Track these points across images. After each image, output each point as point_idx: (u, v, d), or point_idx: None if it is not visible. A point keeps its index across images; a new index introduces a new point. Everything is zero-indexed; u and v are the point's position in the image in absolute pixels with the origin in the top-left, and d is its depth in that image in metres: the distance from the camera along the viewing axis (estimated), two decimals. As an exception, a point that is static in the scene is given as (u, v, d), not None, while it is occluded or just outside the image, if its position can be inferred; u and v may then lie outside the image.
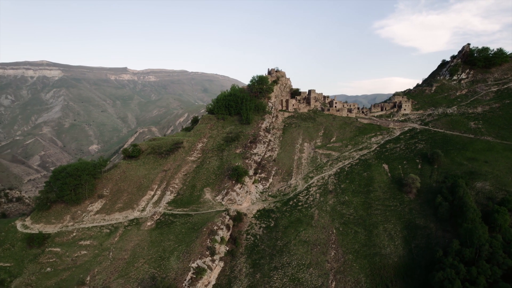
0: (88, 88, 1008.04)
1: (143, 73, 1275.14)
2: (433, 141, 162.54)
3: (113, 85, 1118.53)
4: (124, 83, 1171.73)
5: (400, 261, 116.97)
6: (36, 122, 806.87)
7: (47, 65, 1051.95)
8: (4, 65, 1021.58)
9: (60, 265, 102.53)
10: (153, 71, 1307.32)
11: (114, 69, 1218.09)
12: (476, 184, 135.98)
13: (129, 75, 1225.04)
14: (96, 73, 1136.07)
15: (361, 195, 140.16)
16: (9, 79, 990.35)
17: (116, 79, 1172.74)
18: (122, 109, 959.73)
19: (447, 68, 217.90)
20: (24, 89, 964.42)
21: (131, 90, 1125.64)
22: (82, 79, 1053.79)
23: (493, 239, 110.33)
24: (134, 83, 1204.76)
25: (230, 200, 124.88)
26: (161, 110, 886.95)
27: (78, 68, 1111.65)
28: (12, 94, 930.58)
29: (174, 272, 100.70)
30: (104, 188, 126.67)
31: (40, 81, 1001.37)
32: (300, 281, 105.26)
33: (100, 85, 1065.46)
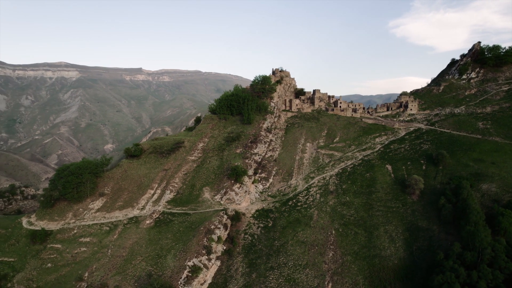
0: (104, 89, 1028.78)
1: (157, 74, 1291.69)
2: (439, 141, 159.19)
3: (128, 85, 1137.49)
4: (139, 84, 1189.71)
5: (401, 263, 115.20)
6: (54, 122, 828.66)
7: (65, 66, 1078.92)
8: (25, 66, 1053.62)
9: (60, 261, 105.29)
10: (167, 71, 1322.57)
11: (129, 70, 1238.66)
12: (481, 186, 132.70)
13: (144, 75, 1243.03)
14: (112, 74, 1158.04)
15: (363, 196, 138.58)
16: (29, 80, 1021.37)
17: (131, 80, 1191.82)
18: (137, 109, 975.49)
19: (456, 67, 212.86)
20: (43, 89, 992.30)
21: (146, 91, 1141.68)
22: (98, 79, 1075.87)
23: (496, 243, 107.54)
24: (148, 84, 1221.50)
25: (228, 199, 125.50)
26: (174, 110, 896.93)
27: (95, 69, 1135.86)
28: (32, 95, 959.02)
29: (170, 270, 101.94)
30: (105, 187, 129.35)
31: (59, 82, 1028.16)
32: (296, 281, 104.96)
33: (115, 86, 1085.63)
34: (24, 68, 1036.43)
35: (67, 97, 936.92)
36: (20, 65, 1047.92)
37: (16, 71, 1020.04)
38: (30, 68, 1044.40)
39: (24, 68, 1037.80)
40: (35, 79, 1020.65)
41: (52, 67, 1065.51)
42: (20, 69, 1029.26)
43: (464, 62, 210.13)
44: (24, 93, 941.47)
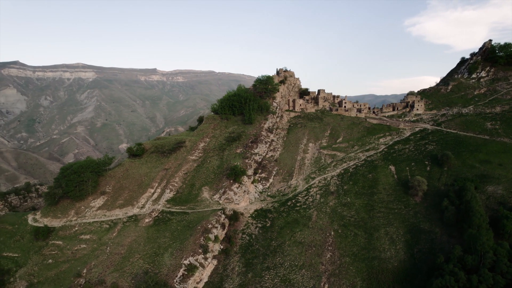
0: (119, 89, 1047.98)
1: (171, 74, 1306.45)
2: (445, 142, 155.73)
3: (143, 85, 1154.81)
4: (153, 84, 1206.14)
5: (401, 266, 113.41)
6: (71, 122, 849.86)
7: (82, 67, 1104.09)
8: (45, 68, 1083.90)
9: (61, 258, 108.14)
10: (181, 71, 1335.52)
11: (144, 70, 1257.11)
12: (487, 188, 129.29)
13: (158, 76, 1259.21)
14: (127, 74, 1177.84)
15: (364, 197, 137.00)
16: (48, 81, 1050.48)
17: (146, 80, 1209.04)
18: (151, 109, 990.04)
19: (466, 66, 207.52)
20: (61, 90, 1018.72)
21: (160, 91, 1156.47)
22: (114, 80, 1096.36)
23: (498, 247, 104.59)
24: (163, 84, 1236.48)
25: (227, 199, 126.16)
26: (188, 110, 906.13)
27: (110, 70, 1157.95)
28: (51, 95, 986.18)
29: (167, 268, 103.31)
30: (107, 185, 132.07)
31: (76, 83, 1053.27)
32: (291, 282, 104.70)
33: (130, 86, 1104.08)
34: (44, 70, 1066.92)
35: (83, 97, 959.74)
36: (40, 66, 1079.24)
37: (36, 73, 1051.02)
38: (49, 69, 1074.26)
39: (43, 69, 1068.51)
40: (54, 80, 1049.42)
41: (70, 68, 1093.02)
42: (40, 71, 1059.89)
43: (474, 61, 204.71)
44: (44, 94, 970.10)
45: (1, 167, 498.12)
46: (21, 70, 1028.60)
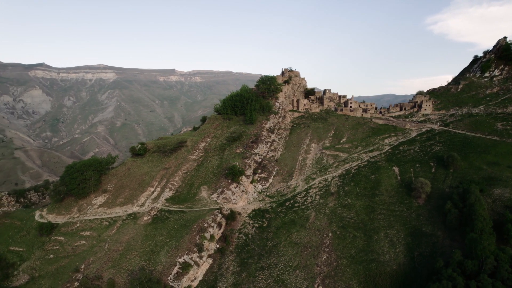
0: (139, 89, 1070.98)
1: (189, 74, 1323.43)
2: (452, 143, 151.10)
3: (162, 86, 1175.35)
4: (172, 84, 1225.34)
5: (400, 269, 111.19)
6: (92, 122, 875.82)
7: (104, 68, 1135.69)
8: (68, 69, 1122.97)
9: (61, 253, 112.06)
10: (199, 72, 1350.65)
11: (163, 71, 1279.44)
12: (494, 190, 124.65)
13: (176, 76, 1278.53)
14: (146, 75, 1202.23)
15: (365, 199, 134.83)
16: (71, 82, 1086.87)
17: (165, 80, 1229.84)
18: (169, 109, 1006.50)
19: (478, 65, 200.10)
20: (84, 91, 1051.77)
21: (178, 91, 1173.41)
22: (133, 80, 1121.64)
23: (500, 252, 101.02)
24: (181, 84, 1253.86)
25: (225, 198, 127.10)
26: (205, 110, 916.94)
27: (130, 71, 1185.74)
28: (74, 96, 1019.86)
29: (162, 265, 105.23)
30: (109, 184, 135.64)
31: (97, 83, 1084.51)
32: (285, 283, 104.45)
33: (149, 86, 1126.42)
34: (67, 71, 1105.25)
35: (104, 97, 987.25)
36: (64, 68, 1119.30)
37: (60, 74, 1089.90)
38: (73, 70, 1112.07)
39: (67, 71, 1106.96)
40: (76, 81, 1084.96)
41: (92, 69, 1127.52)
42: (63, 72, 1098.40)
43: (487, 59, 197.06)
44: (67, 94, 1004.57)
45: (26, 165, 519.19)
46: (46, 71, 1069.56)
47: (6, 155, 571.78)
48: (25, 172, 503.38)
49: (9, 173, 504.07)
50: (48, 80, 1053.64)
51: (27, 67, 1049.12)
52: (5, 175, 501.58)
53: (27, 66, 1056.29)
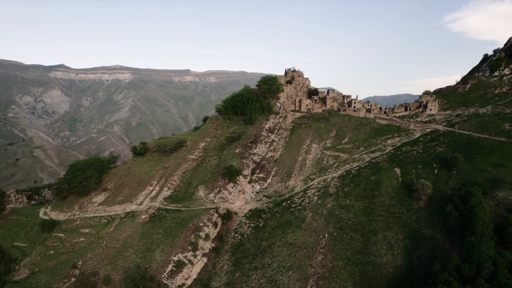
0: (154, 90, 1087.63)
1: (204, 75, 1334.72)
2: (456, 144, 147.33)
3: (177, 86, 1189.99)
4: (186, 84, 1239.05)
5: (397, 272, 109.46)
6: (108, 121, 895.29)
7: (120, 69, 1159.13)
8: (86, 70, 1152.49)
9: (61, 249, 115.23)
10: (214, 72, 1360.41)
11: (177, 71, 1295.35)
12: (498, 193, 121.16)
13: (191, 76, 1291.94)
14: (162, 75, 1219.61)
15: (365, 200, 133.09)
16: (89, 83, 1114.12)
17: (179, 81, 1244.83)
18: (184, 109, 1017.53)
19: (488, 63, 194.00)
20: (101, 91, 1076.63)
21: (193, 91, 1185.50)
22: (149, 81, 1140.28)
23: (498, 256, 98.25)
24: (195, 84, 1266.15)
25: (222, 198, 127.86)
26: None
27: (146, 71, 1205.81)
28: (91, 96, 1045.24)
29: (157, 263, 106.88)
30: (109, 182, 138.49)
31: (114, 84, 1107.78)
32: (277, 283, 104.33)
33: (164, 87, 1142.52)
34: (85, 72, 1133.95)
35: (120, 97, 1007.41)
36: (82, 69, 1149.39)
37: (78, 75, 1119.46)
38: (90, 71, 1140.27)
39: (85, 71, 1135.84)
40: (94, 82, 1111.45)
41: (109, 70, 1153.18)
42: (82, 73, 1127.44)
43: (497, 58, 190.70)
44: (85, 95, 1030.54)
45: (45, 163, 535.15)
46: (65, 72, 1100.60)
47: (26, 153, 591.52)
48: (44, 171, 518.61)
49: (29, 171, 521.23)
50: (67, 81, 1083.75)
51: (47, 68, 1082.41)
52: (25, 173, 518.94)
53: (47, 67, 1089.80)
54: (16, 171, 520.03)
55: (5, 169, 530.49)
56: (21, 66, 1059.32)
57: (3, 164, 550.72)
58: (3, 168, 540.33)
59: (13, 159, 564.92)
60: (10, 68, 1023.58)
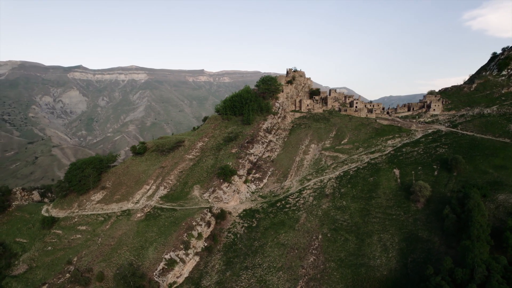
0: (169, 90, 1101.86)
1: (218, 75, 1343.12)
2: (458, 145, 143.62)
3: (191, 86, 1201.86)
4: (200, 85, 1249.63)
5: (390, 275, 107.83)
6: (124, 121, 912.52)
7: (136, 69, 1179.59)
8: (103, 71, 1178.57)
9: (58, 245, 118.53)
10: (228, 72, 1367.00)
11: (192, 71, 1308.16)
12: (498, 196, 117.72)
13: (205, 76, 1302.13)
14: (176, 76, 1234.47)
15: (361, 201, 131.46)
16: (105, 83, 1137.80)
17: (194, 81, 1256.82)
18: (198, 109, 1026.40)
19: (496, 62, 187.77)
20: (117, 91, 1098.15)
21: (207, 91, 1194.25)
22: (164, 81, 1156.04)
23: (492, 261, 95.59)
24: (209, 84, 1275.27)
25: (216, 198, 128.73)
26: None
27: (161, 71, 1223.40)
28: (107, 96, 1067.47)
29: (149, 261, 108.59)
30: (107, 181, 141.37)
31: (129, 84, 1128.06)
32: (266, 283, 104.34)
33: (179, 87, 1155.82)
34: (102, 72, 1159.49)
35: (136, 97, 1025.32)
36: (99, 69, 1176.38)
37: (95, 75, 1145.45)
38: (107, 72, 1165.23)
39: (102, 72, 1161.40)
40: (110, 82, 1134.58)
41: (125, 70, 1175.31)
42: (99, 73, 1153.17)
43: (506, 56, 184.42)
44: (101, 95, 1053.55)
45: (62, 162, 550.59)
46: (83, 73, 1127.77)
47: (44, 152, 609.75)
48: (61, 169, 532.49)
49: (47, 169, 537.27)
50: (85, 81, 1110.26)
51: (66, 69, 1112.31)
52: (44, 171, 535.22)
53: (66, 68, 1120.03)
54: (35, 169, 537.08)
55: (25, 167, 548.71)
56: (41, 67, 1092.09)
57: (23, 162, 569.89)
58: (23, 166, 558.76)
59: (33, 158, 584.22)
60: (31, 70, 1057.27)
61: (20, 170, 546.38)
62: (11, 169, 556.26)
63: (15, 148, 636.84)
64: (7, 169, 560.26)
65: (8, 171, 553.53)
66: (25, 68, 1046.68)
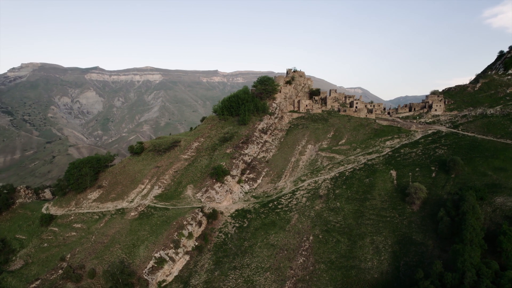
0: (183, 90, 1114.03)
1: (232, 75, 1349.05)
2: (458, 146, 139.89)
3: (205, 87, 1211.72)
4: (214, 85, 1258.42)
5: (381, 278, 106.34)
6: (138, 121, 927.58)
7: (150, 70, 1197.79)
8: (119, 72, 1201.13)
9: (54, 242, 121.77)
10: (241, 73, 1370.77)
11: (206, 72, 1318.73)
12: (496, 199, 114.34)
13: (219, 77, 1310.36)
14: (190, 76, 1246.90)
15: (356, 203, 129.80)
16: (121, 84, 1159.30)
17: (208, 81, 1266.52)
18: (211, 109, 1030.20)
19: (502, 61, 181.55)
20: (132, 92, 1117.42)
21: (220, 91, 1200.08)
22: (178, 82, 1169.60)
23: (483, 266, 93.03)
24: (223, 85, 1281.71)
25: (209, 198, 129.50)
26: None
27: (175, 72, 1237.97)
28: (123, 97, 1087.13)
29: (140, 259, 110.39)
30: (104, 180, 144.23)
31: (144, 85, 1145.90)
32: (253, 283, 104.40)
33: (193, 87, 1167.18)
34: (118, 73, 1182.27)
35: (150, 98, 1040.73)
36: (115, 70, 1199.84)
37: (112, 76, 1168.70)
38: (123, 73, 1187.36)
39: (118, 73, 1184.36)
40: (126, 83, 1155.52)
41: (140, 71, 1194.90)
42: (115, 74, 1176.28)
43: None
44: (117, 95, 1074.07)
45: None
46: (100, 74, 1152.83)
47: (61, 151, 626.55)
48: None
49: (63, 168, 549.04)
50: (101, 82, 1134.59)
51: (83, 71, 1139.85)
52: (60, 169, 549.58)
53: (83, 69, 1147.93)
54: (52, 167, 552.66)
55: (43, 166, 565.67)
56: (60, 69, 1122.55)
57: (41, 161, 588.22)
58: (41, 164, 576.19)
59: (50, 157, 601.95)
60: (51, 71, 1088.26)
61: (38, 168, 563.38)
62: (30, 168, 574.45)
63: (34, 148, 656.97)
64: (27, 167, 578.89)
65: (27, 169, 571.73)
66: (45, 70, 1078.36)
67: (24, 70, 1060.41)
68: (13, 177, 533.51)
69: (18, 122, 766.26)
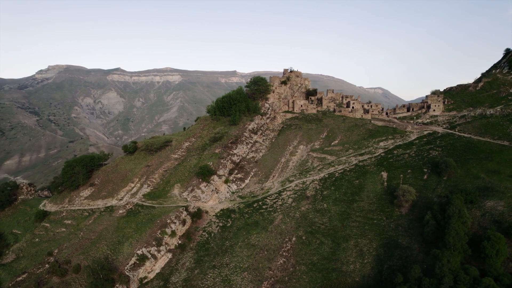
0: (201, 91, 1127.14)
1: (250, 76, 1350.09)
2: (453, 148, 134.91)
3: (223, 87, 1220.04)
4: (232, 85, 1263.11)
5: (363, 281, 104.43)
6: (158, 121, 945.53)
7: (170, 71, 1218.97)
8: (139, 73, 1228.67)
9: (44, 238, 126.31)
10: (259, 73, 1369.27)
11: (224, 73, 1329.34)
12: (486, 202, 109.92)
13: (237, 77, 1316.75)
14: (209, 77, 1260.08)
15: (343, 204, 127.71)
16: (141, 85, 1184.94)
17: (226, 82, 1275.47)
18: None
19: (507, 59, 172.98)
20: (152, 92, 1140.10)
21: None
22: (197, 82, 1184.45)
23: (461, 272, 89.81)
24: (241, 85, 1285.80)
25: (194, 197, 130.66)
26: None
27: (194, 73, 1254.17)
28: (143, 97, 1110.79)
29: (123, 256, 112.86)
30: (96, 178, 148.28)
31: (164, 85, 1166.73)
32: (230, 283, 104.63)
33: (211, 88, 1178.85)
34: (139, 74, 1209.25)
35: (169, 98, 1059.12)
36: (136, 71, 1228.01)
37: (132, 77, 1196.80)
38: (143, 74, 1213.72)
39: (138, 74, 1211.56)
40: (146, 84, 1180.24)
41: (160, 72, 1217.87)
42: (135, 75, 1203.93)
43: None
44: (137, 96, 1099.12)
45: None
46: (121, 75, 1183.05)
47: (82, 150, 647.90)
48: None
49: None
50: (122, 83, 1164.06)
51: (106, 72, 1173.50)
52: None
53: (106, 71, 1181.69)
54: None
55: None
56: (84, 71, 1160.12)
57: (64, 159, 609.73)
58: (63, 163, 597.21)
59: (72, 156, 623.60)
60: (75, 73, 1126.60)
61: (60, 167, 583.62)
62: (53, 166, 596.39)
63: (58, 147, 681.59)
64: (50, 166, 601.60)
65: (50, 167, 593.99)
66: (70, 72, 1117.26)
67: (51, 72, 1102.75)
68: (38, 174, 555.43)
69: (44, 122, 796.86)
